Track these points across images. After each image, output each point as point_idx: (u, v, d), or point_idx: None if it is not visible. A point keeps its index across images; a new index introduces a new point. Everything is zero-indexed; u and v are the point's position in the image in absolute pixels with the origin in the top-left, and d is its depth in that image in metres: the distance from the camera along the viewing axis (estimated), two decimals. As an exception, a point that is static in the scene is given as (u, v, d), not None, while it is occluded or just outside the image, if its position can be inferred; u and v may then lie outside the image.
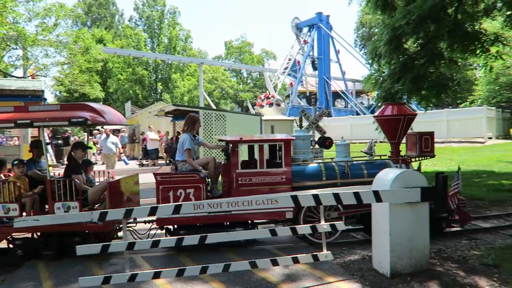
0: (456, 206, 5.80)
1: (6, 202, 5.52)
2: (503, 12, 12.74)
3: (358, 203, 4.51)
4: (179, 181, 5.77)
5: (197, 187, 5.75)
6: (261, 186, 6.00)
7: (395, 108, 6.84)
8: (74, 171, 6.03)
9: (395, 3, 12.63)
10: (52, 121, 5.60)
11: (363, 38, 65.62)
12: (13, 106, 5.83)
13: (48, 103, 15.71)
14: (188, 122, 6.34)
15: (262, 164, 6.05)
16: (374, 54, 12.24)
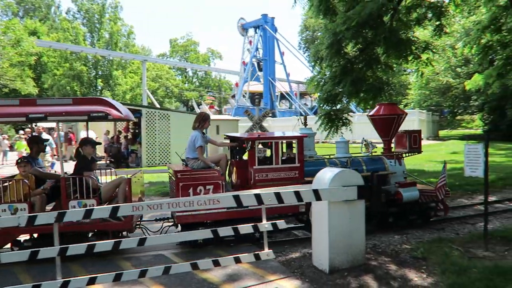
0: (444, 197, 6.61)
1: (13, 202, 5.26)
2: (433, 22, 13.73)
3: (299, 201, 4.61)
4: (198, 178, 5.82)
5: (217, 184, 5.82)
6: (277, 181, 6.09)
7: (388, 108, 7.47)
8: (86, 168, 5.84)
9: (336, 8, 13.13)
10: (69, 115, 5.39)
11: (307, 41, 67.52)
12: (19, 99, 5.52)
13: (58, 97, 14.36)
14: (198, 119, 6.34)
15: (277, 161, 6.19)
16: (316, 57, 12.61)
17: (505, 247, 5.57)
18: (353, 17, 10.34)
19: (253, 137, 6.22)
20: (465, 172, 6.01)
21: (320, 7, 12.79)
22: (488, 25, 14.59)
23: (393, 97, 33.07)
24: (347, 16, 10.55)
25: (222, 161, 6.27)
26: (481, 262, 4.95)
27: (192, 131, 6.34)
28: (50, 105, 5.41)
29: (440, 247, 5.59)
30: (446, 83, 30.87)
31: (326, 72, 12.98)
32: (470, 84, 22.51)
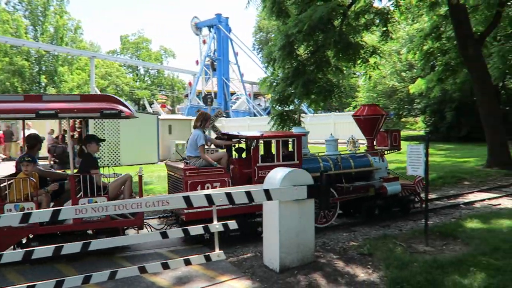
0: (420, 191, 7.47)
1: (19, 201, 5.16)
2: (380, 28, 14.36)
3: (250, 201, 4.61)
4: (206, 175, 5.95)
5: (223, 181, 6.01)
6: None
7: (371, 108, 8.18)
8: (93, 165, 5.79)
9: (289, 11, 13.34)
10: (80, 112, 5.27)
11: (260, 42, 68.02)
12: (23, 95, 5.44)
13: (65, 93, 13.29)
14: (200, 119, 6.51)
15: (278, 158, 6.43)
16: (269, 58, 12.77)
17: (443, 241, 5.91)
18: (304, 20, 10.57)
19: (258, 135, 6.47)
20: (408, 171, 6.31)
21: (273, 9, 12.96)
22: (429, 32, 15.53)
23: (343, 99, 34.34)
24: (299, 19, 10.77)
25: (223, 159, 6.44)
26: (421, 256, 5.22)
27: (193, 130, 6.50)
28: (58, 101, 5.32)
29: (385, 243, 5.83)
30: (392, 86, 32.37)
31: (279, 73, 13.17)
32: (413, 88, 23.70)
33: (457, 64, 14.40)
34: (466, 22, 12.59)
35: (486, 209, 8.17)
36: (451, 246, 5.72)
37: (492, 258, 4.99)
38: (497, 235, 5.89)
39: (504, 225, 6.47)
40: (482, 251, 5.23)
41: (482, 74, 12.78)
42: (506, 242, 5.54)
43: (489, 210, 7.87)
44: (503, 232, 6.05)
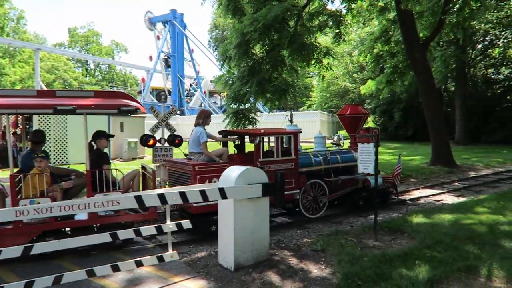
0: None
1: (35, 197, 5.18)
2: (333, 30, 14.73)
3: (204, 200, 4.55)
4: (213, 170, 6.22)
5: None
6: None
7: (354, 108, 8.99)
8: (105, 161, 5.94)
9: (244, 9, 13.33)
10: (98, 108, 5.31)
11: (216, 39, 67.65)
12: (36, 90, 5.43)
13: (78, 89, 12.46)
14: (202, 116, 6.77)
15: (278, 154, 6.80)
16: (225, 56, 12.68)
17: (391, 236, 6.17)
18: (259, 19, 10.60)
19: (261, 132, 6.77)
20: (359, 169, 6.52)
21: (229, 7, 12.88)
22: (379, 36, 16.17)
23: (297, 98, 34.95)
24: (254, 17, 10.79)
25: (224, 155, 6.73)
26: (371, 251, 5.41)
27: (195, 127, 6.72)
28: (73, 97, 5.34)
29: (337, 239, 5.99)
30: (344, 87, 33.45)
31: (235, 72, 13.14)
32: (364, 89, 24.51)
33: (405, 67, 15.11)
34: (413, 27, 13.24)
35: (430, 204, 8.64)
36: (399, 240, 5.99)
37: (435, 251, 5.27)
38: (439, 229, 6.23)
39: (446, 219, 6.86)
40: (426, 245, 5.51)
41: (427, 77, 13.49)
42: (447, 235, 5.88)
43: (433, 206, 8.32)
44: (445, 226, 6.41)
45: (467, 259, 4.93)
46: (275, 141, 6.83)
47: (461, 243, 5.54)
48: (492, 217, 6.93)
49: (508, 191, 9.38)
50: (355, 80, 33.62)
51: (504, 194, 8.97)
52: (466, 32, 19.65)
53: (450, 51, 20.11)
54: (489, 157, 17.72)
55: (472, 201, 8.47)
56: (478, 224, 6.54)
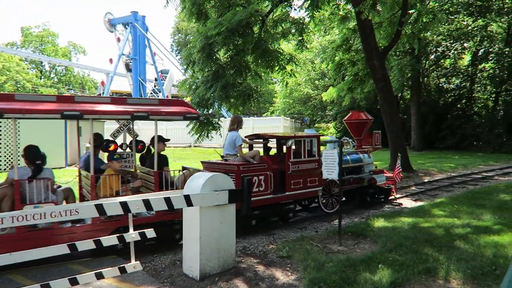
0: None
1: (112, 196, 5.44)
2: (296, 37, 14.96)
3: (170, 209, 4.42)
4: (255, 170, 6.85)
5: (266, 174, 6.97)
6: (305, 171, 7.54)
7: (359, 114, 9.96)
8: (165, 164, 6.48)
9: (208, 13, 13.26)
10: (168, 115, 5.92)
11: (179, 43, 66.89)
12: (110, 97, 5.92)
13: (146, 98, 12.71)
14: (236, 121, 7.48)
15: (305, 154, 7.55)
16: (188, 60, 12.52)
17: (355, 241, 6.29)
18: (224, 23, 10.57)
19: (292, 136, 7.64)
20: (323, 175, 6.62)
21: (192, 10, 12.77)
22: (340, 44, 16.58)
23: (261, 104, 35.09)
24: (218, 21, 10.74)
25: (256, 156, 7.29)
26: (336, 256, 5.48)
27: (230, 132, 7.40)
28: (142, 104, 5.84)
29: (302, 245, 6.03)
30: (307, 93, 34.03)
31: (198, 76, 13.00)
32: (326, 95, 24.96)
33: (364, 75, 15.56)
34: (372, 37, 13.68)
35: (390, 209, 8.89)
36: (362, 244, 6.11)
37: (396, 254, 5.42)
38: (399, 233, 6.43)
39: (406, 223, 7.10)
40: (388, 248, 5.66)
41: (385, 85, 13.98)
42: (407, 238, 6.07)
43: (393, 210, 8.58)
44: (405, 230, 6.63)
45: (426, 261, 5.11)
46: (302, 143, 7.58)
47: (420, 246, 5.74)
48: (448, 220, 7.25)
49: (462, 195, 9.85)
50: (316, 87, 34.30)
51: (457, 198, 9.41)
52: (421, 43, 20.63)
53: (406, 61, 20.98)
54: (442, 163, 18.59)
55: (429, 205, 8.81)
56: (436, 227, 6.81)
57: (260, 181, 6.87)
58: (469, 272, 4.72)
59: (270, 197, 7.01)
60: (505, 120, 22.26)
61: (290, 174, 7.28)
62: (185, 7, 13.10)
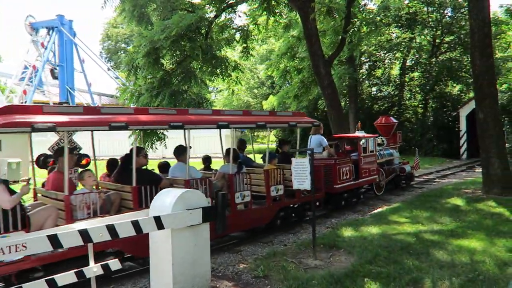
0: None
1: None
2: (240, 44, 14.67)
3: (138, 233, 3.74)
4: (343, 163, 9.13)
5: (350, 167, 9.34)
6: (370, 164, 10.16)
7: (388, 118, 12.88)
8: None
9: (150, 17, 12.49)
10: (305, 123, 8.13)
11: (109, 51, 63.67)
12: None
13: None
14: (319, 128, 9.42)
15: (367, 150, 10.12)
16: (131, 66, 11.60)
17: (328, 253, 5.97)
18: (171, 26, 9.93)
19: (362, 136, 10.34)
20: (294, 185, 6.25)
21: (134, 13, 11.95)
22: (285, 52, 16.59)
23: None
24: (165, 25, 10.07)
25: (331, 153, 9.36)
26: (316, 272, 5.11)
27: (314, 135, 9.59)
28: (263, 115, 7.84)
29: (276, 261, 5.58)
30: (246, 102, 33.90)
31: (141, 84, 12.12)
32: (266, 104, 24.84)
33: (310, 82, 15.67)
34: (318, 45, 13.77)
35: (351, 217, 8.77)
36: (337, 257, 5.80)
37: (377, 265, 5.19)
38: (371, 242, 6.24)
39: (373, 232, 6.95)
40: (367, 259, 5.41)
41: (332, 92, 14.11)
42: (382, 248, 5.89)
43: (356, 218, 8.46)
44: (376, 239, 6.45)
45: (410, 271, 4.92)
46: (366, 142, 10.19)
47: (397, 255, 5.57)
48: (413, 226, 7.25)
49: (415, 199, 10.08)
50: (256, 95, 34.36)
51: (412, 202, 9.59)
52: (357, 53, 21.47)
53: (344, 69, 21.65)
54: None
55: (387, 211, 8.84)
56: (404, 234, 6.74)
57: (346, 171, 9.16)
58: (455, 280, 4.61)
59: (352, 183, 9.38)
60: (435, 126, 23.81)
61: (362, 166, 9.77)
62: (124, 9, 12.22)
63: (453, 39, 25.85)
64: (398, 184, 12.00)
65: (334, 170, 8.78)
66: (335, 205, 9.20)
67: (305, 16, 13.31)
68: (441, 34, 25.63)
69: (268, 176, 7.21)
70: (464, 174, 15.28)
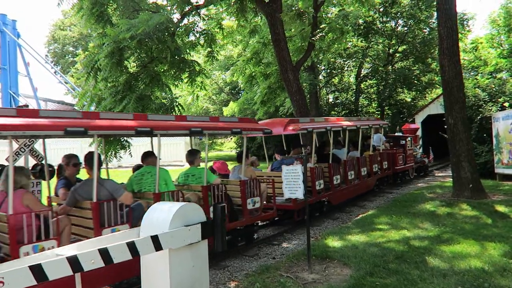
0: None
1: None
2: (204, 48, 14.19)
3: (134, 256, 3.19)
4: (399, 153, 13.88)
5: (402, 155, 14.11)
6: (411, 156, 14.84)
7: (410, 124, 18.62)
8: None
9: (111, 16, 11.70)
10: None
11: (55, 54, 60.33)
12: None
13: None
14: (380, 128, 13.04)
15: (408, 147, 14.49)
16: (90, 68, 10.73)
17: (322, 265, 5.66)
18: (139, 25, 9.27)
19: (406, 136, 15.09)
20: (285, 194, 5.90)
21: (93, 10, 11.08)
22: (250, 57, 16.31)
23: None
24: (132, 23, 9.40)
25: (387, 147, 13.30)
26: (316, 287, 4.77)
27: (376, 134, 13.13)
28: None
29: (271, 277, 5.19)
30: (205, 108, 33.25)
31: (101, 87, 11.26)
32: (227, 110, 24.32)
33: (277, 87, 15.49)
34: (287, 50, 13.62)
35: (332, 225, 8.54)
36: (332, 269, 5.51)
37: (380, 277, 4.95)
38: (364, 252, 6.02)
39: (361, 240, 6.74)
40: (366, 271, 5.16)
41: (300, 98, 13.99)
42: (378, 257, 5.68)
43: (339, 226, 8.24)
44: (368, 248, 6.23)
45: (415, 282, 4.72)
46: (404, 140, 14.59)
47: (396, 265, 5.37)
48: (398, 233, 7.13)
49: (391, 204, 10.07)
50: (214, 102, 33.83)
51: (389, 207, 9.57)
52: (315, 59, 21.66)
53: (305, 76, 21.77)
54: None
55: (367, 217, 8.73)
56: (393, 241, 6.59)
57: (400, 159, 13.81)
58: (463, 289, 4.45)
59: (403, 166, 14.05)
60: (392, 131, 24.60)
61: (407, 156, 14.28)
62: (82, 7, 11.34)
63: (406, 49, 26.97)
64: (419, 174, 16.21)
65: (396, 157, 13.36)
66: (395, 180, 13.86)
67: (273, 21, 13.14)
68: (395, 44, 26.61)
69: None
70: (427, 178, 15.69)
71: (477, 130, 14.24)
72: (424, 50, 25.77)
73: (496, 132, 13.40)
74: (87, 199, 4.90)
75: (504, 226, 7.10)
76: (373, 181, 11.67)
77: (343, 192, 9.77)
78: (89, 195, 4.86)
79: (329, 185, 9.23)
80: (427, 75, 28.03)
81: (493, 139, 13.55)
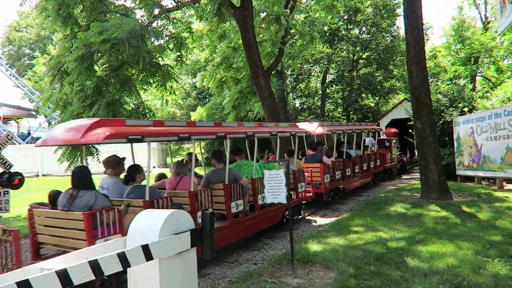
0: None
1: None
2: (174, 52, 14.02)
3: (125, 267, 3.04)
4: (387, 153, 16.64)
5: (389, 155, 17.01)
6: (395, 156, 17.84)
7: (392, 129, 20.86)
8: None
9: (78, 18, 11.30)
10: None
11: (10, 56, 57.49)
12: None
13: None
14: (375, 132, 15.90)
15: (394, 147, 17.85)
16: (56, 71, 10.31)
17: (305, 269, 5.66)
18: (112, 29, 9.02)
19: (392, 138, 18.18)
20: (267, 199, 5.87)
21: (59, 12, 10.67)
22: (221, 62, 16.26)
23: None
24: (104, 26, 9.12)
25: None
26: (303, 292, 4.77)
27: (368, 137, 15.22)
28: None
29: (256, 283, 5.13)
30: (172, 113, 32.74)
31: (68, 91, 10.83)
32: (194, 115, 24.09)
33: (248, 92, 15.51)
34: (258, 55, 13.68)
35: (309, 229, 8.60)
36: (315, 272, 5.53)
37: (363, 279, 5.01)
38: (345, 254, 6.08)
39: (340, 243, 6.82)
40: (350, 274, 5.21)
41: (272, 103, 14.06)
42: (359, 259, 5.76)
43: (312, 229, 8.31)
44: (346, 250, 6.31)
45: (398, 283, 4.82)
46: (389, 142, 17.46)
47: (377, 266, 5.46)
48: (374, 235, 7.26)
49: (363, 207, 10.28)
50: (181, 106, 33.39)
51: (362, 210, 9.75)
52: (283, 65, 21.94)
53: (275, 81, 21.97)
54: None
55: (342, 219, 8.86)
56: (371, 243, 6.71)
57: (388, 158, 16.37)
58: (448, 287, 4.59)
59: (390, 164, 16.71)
60: (358, 135, 25.32)
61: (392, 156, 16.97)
62: (48, 9, 10.88)
63: (369, 55, 27.86)
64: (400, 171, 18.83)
65: (385, 157, 15.77)
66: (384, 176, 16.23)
67: (244, 26, 13.16)
68: (359, 50, 27.42)
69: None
70: (395, 181, 16.18)
71: (440, 134, 14.87)
72: (387, 57, 26.72)
73: (457, 135, 14.06)
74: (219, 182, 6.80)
75: (473, 225, 7.43)
76: (371, 175, 14.27)
77: (352, 182, 12.45)
78: (221, 179, 6.84)
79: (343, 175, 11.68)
80: (389, 81, 29.06)
81: (455, 142, 14.21)
